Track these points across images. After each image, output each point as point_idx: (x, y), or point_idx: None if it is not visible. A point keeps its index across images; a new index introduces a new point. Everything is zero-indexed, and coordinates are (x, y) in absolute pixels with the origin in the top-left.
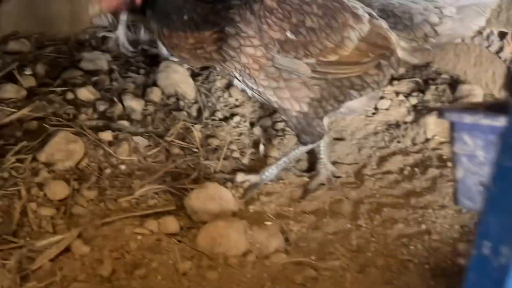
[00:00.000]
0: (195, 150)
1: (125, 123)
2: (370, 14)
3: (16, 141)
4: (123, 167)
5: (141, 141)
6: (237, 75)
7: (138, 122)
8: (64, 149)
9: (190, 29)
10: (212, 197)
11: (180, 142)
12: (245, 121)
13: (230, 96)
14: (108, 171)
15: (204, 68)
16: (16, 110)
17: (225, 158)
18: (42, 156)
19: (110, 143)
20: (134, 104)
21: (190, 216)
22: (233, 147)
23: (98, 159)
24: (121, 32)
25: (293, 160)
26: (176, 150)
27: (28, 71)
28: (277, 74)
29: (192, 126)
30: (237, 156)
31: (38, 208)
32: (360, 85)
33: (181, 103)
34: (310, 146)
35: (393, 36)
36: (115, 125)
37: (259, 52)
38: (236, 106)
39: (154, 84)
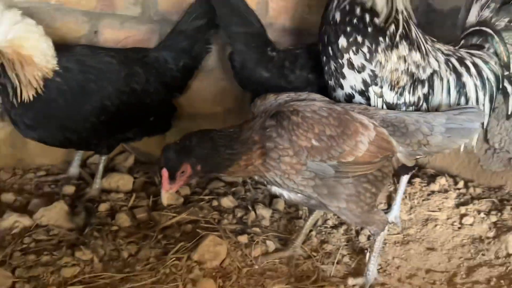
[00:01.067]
0: (313, 254)
1: (257, 229)
2: (373, 124)
3: (176, 241)
4: (256, 267)
5: (271, 245)
6: (278, 180)
7: (266, 227)
8: (212, 250)
9: (239, 156)
10: None
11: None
12: (351, 230)
13: None
14: (245, 270)
15: None
16: (175, 215)
17: (338, 262)
18: (195, 256)
19: (246, 245)
20: (264, 212)
21: None
22: (344, 252)
23: (237, 259)
24: None
25: (379, 251)
26: (297, 254)
27: None
28: (313, 175)
29: (311, 231)
30: (348, 261)
31: None
32: (381, 176)
33: (300, 212)
34: (383, 234)
35: (393, 141)
36: (250, 230)
37: (294, 160)
38: None
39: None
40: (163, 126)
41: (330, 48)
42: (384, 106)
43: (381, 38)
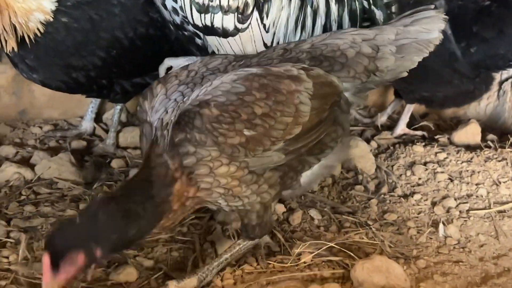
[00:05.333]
0: (369, 223)
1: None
2: (303, 69)
3: None
4: (294, 233)
5: (314, 214)
6: (222, 202)
7: (314, 192)
8: None
9: (167, 203)
10: (378, 269)
11: (353, 216)
12: (426, 200)
13: (412, 174)
14: (279, 235)
15: (387, 147)
16: None
17: (401, 234)
18: (220, 216)
19: (283, 213)
20: None
21: (356, 287)
22: (411, 224)
23: None
24: None
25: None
26: (347, 223)
27: None
28: (255, 177)
29: (368, 200)
30: (414, 234)
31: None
32: (319, 149)
33: (360, 177)
34: (256, 241)
35: (334, 78)
36: None
37: (233, 167)
38: (419, 184)
39: None
40: None
41: None
42: (194, 9)
43: None
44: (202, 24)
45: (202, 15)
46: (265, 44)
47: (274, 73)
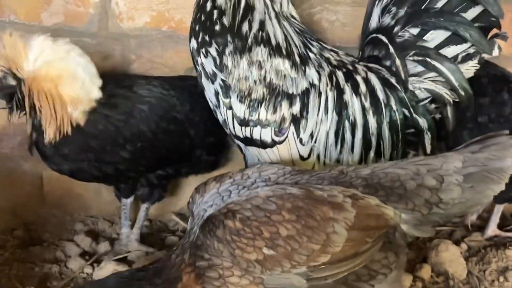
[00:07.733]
0: None
1: None
2: (352, 196)
3: None
4: None
5: None
6: None
7: None
8: None
9: None
10: None
11: None
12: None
13: (506, 280)
14: None
15: (478, 250)
16: None
17: None
18: None
19: None
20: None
21: None
22: None
23: None
24: None
25: None
26: None
27: None
28: None
29: None
30: None
31: None
32: (367, 275)
33: (451, 282)
34: None
35: (389, 210)
36: None
37: (245, 280)
38: None
39: (424, 260)
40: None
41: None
42: (235, 122)
43: (229, 38)
44: (243, 135)
45: (243, 128)
46: (301, 157)
47: (314, 197)
